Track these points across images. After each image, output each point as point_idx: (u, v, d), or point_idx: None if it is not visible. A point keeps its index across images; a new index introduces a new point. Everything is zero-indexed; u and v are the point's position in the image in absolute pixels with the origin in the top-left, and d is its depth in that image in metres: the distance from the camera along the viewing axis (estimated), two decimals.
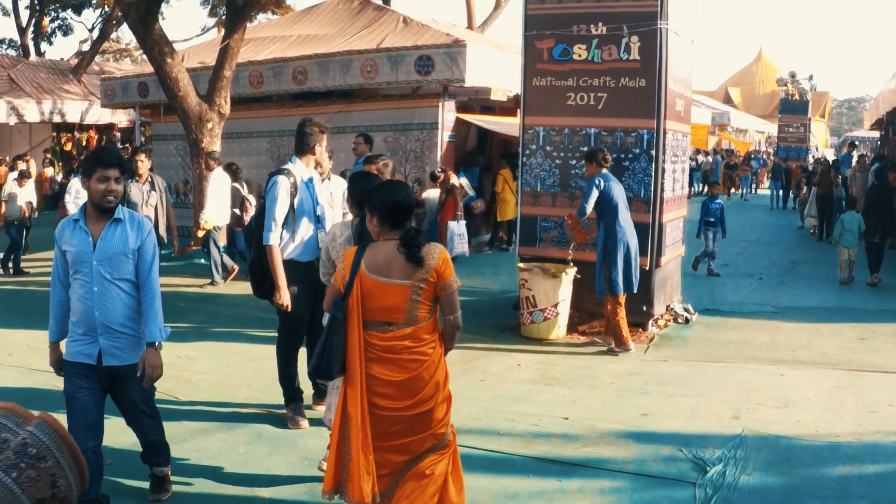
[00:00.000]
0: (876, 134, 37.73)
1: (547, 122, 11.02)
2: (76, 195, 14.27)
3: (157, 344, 5.16)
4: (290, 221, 7.02)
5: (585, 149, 10.82)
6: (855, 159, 26.48)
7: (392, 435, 4.65)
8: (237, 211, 14.71)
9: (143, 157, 11.49)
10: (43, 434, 2.26)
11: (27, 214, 15.74)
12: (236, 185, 14.98)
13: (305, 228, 7.08)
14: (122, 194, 5.09)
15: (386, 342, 4.61)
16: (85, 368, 5.08)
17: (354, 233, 5.81)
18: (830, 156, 43.44)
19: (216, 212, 14.04)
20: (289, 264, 7.01)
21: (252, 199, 15.28)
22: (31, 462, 2.19)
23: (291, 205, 6.96)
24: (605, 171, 9.96)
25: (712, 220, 15.56)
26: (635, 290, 10.05)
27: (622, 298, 9.94)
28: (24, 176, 16.08)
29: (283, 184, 6.92)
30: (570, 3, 10.88)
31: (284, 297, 6.93)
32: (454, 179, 14.43)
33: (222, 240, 14.68)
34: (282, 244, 7.02)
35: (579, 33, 10.80)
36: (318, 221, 7.17)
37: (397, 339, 4.60)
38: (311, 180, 7.15)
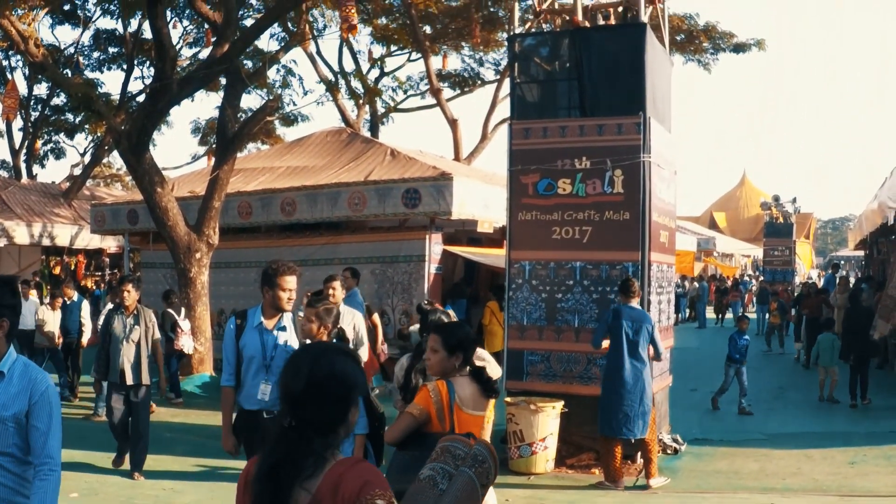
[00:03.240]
0: (861, 253, 38.02)
1: (532, 257, 11.10)
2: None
3: None
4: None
5: (571, 282, 10.92)
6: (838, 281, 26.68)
7: None
8: (171, 335, 14.74)
9: (129, 286, 10.41)
10: (484, 449, 3.77)
11: (59, 342, 15.39)
12: (171, 310, 15.04)
13: (247, 374, 6.72)
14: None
15: None
16: None
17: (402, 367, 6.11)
18: (816, 276, 43.68)
19: None
20: (238, 408, 6.81)
21: (185, 326, 15.32)
22: (479, 463, 3.73)
23: (238, 348, 6.73)
24: (631, 302, 9.95)
25: (737, 356, 15.03)
26: (620, 436, 9.85)
27: (619, 443, 9.86)
28: (55, 297, 15.67)
29: (229, 325, 6.82)
30: (554, 139, 11.08)
31: (223, 441, 6.80)
32: None
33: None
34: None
35: (563, 167, 10.96)
36: (267, 370, 6.65)
37: None
38: (260, 325, 6.73)
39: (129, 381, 9.99)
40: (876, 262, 27.41)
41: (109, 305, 13.73)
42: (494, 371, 6.79)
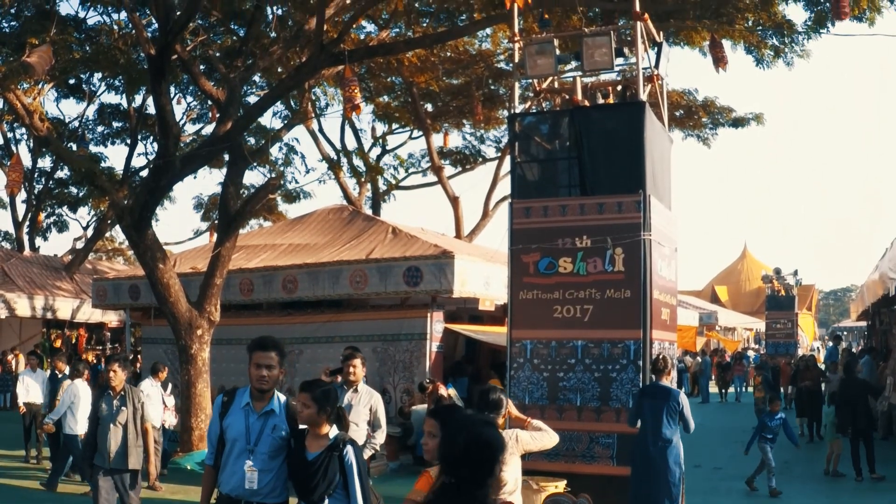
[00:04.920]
0: (863, 324, 37.99)
1: (534, 336, 11.07)
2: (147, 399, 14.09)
3: None
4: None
5: (573, 361, 10.88)
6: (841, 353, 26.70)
7: None
8: None
9: (116, 366, 9.87)
10: (585, 501, 5.95)
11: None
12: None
13: (228, 456, 6.20)
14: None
15: None
16: None
17: None
18: (819, 348, 43.52)
19: (76, 421, 13.66)
20: (218, 490, 6.32)
21: (170, 402, 15.21)
22: None
23: (221, 427, 6.29)
24: (662, 380, 10.01)
25: (770, 436, 14.60)
26: None
27: None
28: (80, 370, 15.05)
29: (216, 403, 6.41)
30: (555, 217, 11.12)
31: None
32: (442, 390, 14.41)
33: None
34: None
35: (564, 246, 10.98)
36: (251, 455, 6.15)
37: None
38: (247, 406, 6.24)
39: (115, 465, 9.53)
40: (878, 333, 27.42)
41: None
42: (552, 438, 6.87)
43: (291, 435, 6.27)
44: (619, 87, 12.64)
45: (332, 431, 6.17)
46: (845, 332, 59.28)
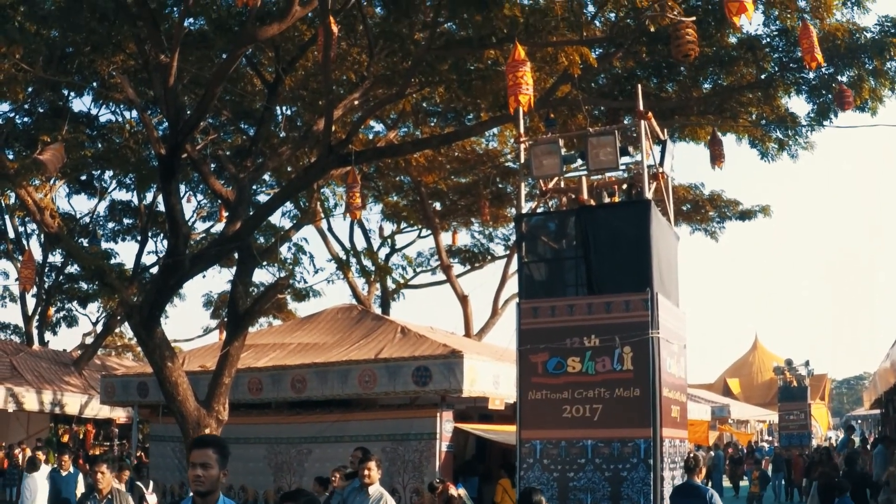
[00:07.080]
0: (877, 412, 37.68)
1: (543, 436, 11.06)
2: None
3: None
4: None
5: (583, 461, 10.84)
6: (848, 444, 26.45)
7: None
8: None
9: (103, 468, 9.46)
10: None
11: None
12: (139, 483, 14.81)
13: None
14: None
15: None
16: None
17: None
18: (834, 437, 43.10)
19: None
20: None
21: (151, 500, 15.03)
22: None
23: None
24: (694, 478, 10.25)
25: None
26: None
27: None
28: (123, 469, 14.94)
29: None
30: (563, 317, 11.17)
31: None
32: (452, 490, 14.28)
33: None
34: None
35: (572, 346, 11.03)
36: None
37: None
38: None
39: None
40: (892, 421, 27.21)
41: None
42: None
43: None
44: (625, 185, 12.76)
45: None
46: (859, 421, 58.62)
